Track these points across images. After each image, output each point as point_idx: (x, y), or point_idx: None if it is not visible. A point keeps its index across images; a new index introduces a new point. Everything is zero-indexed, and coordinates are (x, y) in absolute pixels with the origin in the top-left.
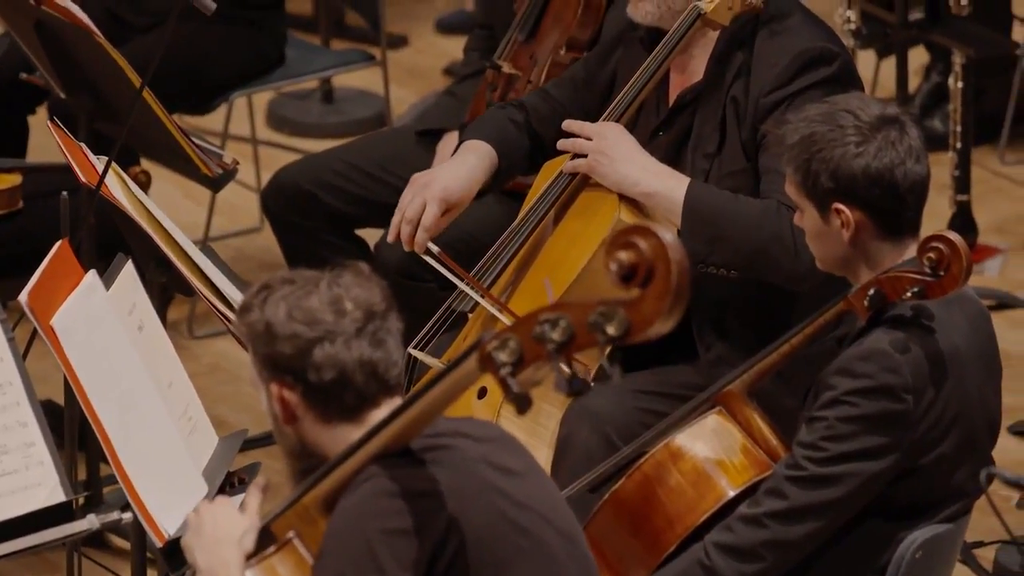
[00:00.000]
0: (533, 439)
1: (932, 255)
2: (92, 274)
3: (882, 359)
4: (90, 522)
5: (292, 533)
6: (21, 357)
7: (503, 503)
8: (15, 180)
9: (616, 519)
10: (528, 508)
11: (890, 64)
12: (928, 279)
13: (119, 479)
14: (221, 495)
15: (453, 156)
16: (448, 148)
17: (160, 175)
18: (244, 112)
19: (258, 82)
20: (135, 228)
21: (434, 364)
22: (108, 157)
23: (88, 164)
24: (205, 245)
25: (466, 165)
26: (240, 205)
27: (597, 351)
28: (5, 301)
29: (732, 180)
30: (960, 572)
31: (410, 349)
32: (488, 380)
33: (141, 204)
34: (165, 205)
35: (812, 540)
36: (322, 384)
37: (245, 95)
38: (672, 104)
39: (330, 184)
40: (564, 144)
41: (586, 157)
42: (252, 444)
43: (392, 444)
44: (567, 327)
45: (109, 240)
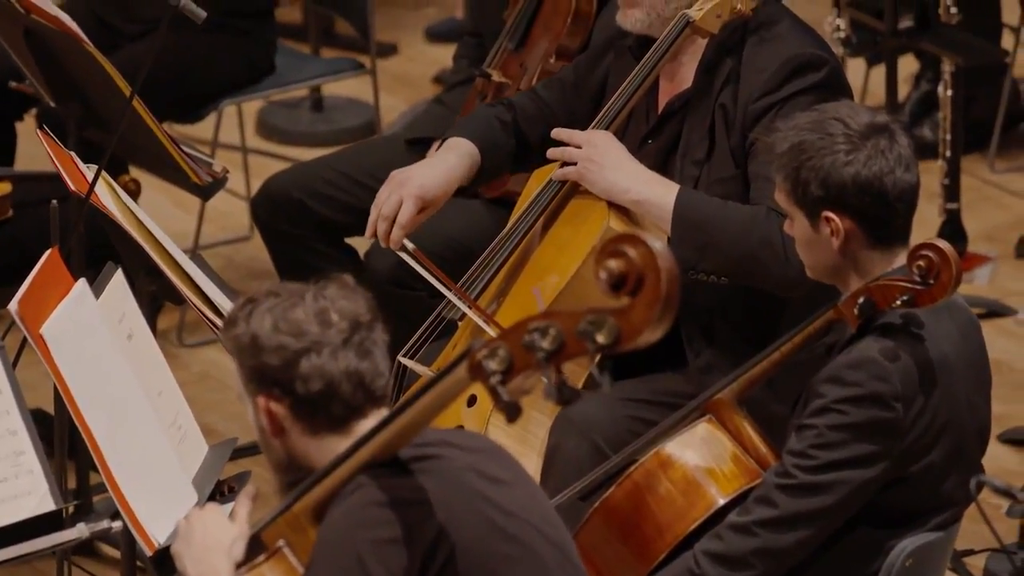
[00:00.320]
0: (523, 447)
1: (922, 263)
2: (82, 282)
3: (872, 367)
4: (80, 531)
5: (282, 542)
6: (11, 365)
7: (492, 512)
8: (5, 188)
9: (606, 527)
10: (517, 517)
11: (880, 72)
12: (918, 287)
13: (109, 488)
14: (211, 502)
15: (435, 154)
16: None
17: (150, 183)
18: (234, 120)
19: (248, 90)
20: (125, 236)
21: (424, 372)
22: (98, 165)
23: (78, 173)
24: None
25: (444, 164)
26: (230, 213)
27: (587, 359)
28: None
29: (721, 187)
30: None
31: (400, 357)
32: (478, 388)
33: (131, 212)
34: (155, 213)
35: (802, 548)
36: (309, 395)
37: (235, 103)
38: (661, 111)
39: (320, 192)
40: (554, 152)
41: (575, 165)
42: (242, 453)
43: (381, 453)
44: (557, 335)
45: (99, 248)
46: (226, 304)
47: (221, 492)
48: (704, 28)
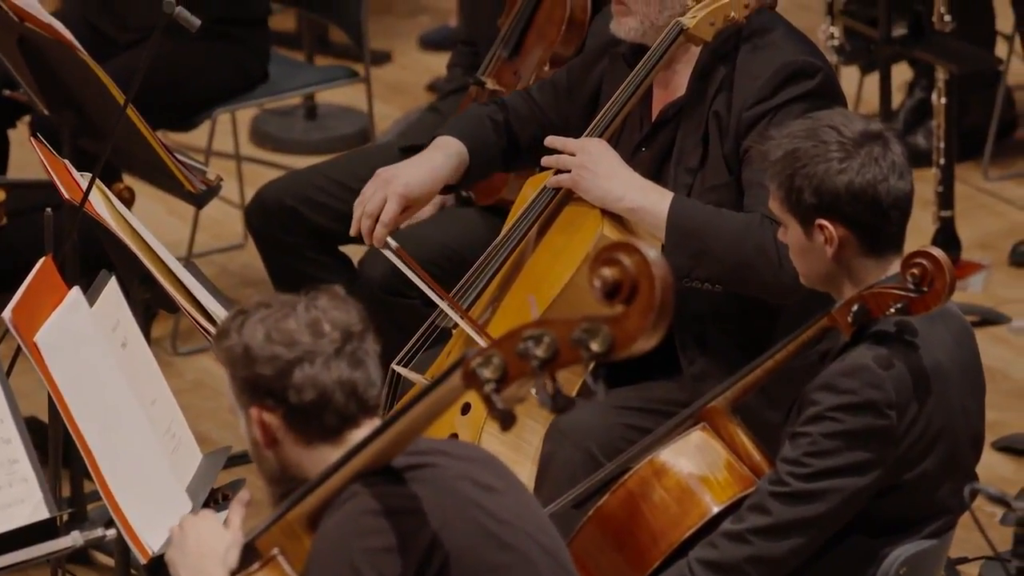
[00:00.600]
0: (517, 455)
1: (916, 271)
2: (76, 291)
3: (865, 375)
4: (74, 539)
5: (276, 550)
6: (5, 374)
7: (486, 519)
8: None
9: (600, 535)
10: (511, 525)
11: (873, 80)
12: (912, 295)
13: (103, 496)
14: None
15: (422, 152)
16: None
17: (144, 191)
18: (227, 128)
19: (242, 98)
20: (119, 245)
21: (418, 380)
22: (92, 174)
23: (72, 181)
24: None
25: (431, 163)
26: (223, 221)
27: (581, 367)
28: None
29: (715, 194)
30: None
31: (394, 365)
32: (472, 396)
33: (125, 221)
34: (149, 222)
35: (796, 556)
36: (303, 405)
37: (228, 111)
38: (655, 119)
39: (313, 200)
40: (548, 160)
41: (569, 172)
42: (236, 461)
43: (375, 461)
44: (551, 343)
45: (93, 257)
46: (220, 312)
47: (215, 500)
48: (698, 36)
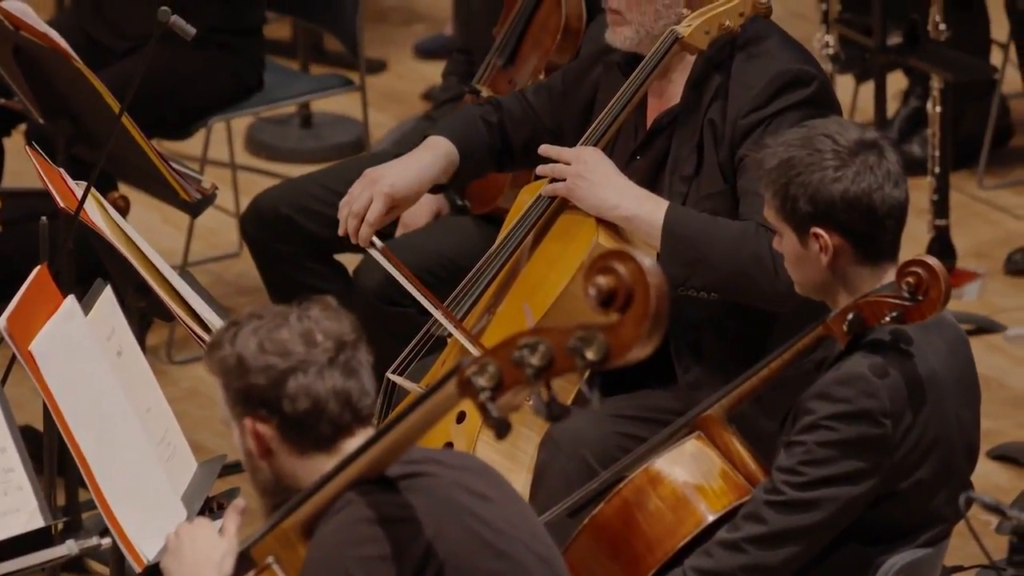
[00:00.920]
0: (512, 463)
1: (911, 279)
2: (71, 299)
3: (861, 384)
4: (69, 548)
5: (271, 558)
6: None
7: (481, 528)
8: None
9: (595, 544)
10: (506, 533)
11: (868, 89)
12: (907, 303)
13: (98, 504)
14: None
15: (410, 152)
16: None
17: (139, 200)
18: (223, 137)
19: (237, 107)
20: (114, 253)
21: (413, 389)
22: (87, 182)
23: (67, 189)
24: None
25: (419, 163)
26: (219, 230)
27: (576, 376)
28: None
29: (710, 202)
30: None
31: (389, 374)
32: (467, 405)
33: (120, 229)
34: (144, 230)
35: (791, 565)
36: (297, 415)
37: (224, 120)
38: (649, 127)
39: (309, 209)
40: (543, 169)
41: (564, 181)
42: (231, 469)
43: (370, 470)
44: (546, 352)
45: (88, 265)
46: (215, 321)
47: (210, 509)
48: (692, 44)
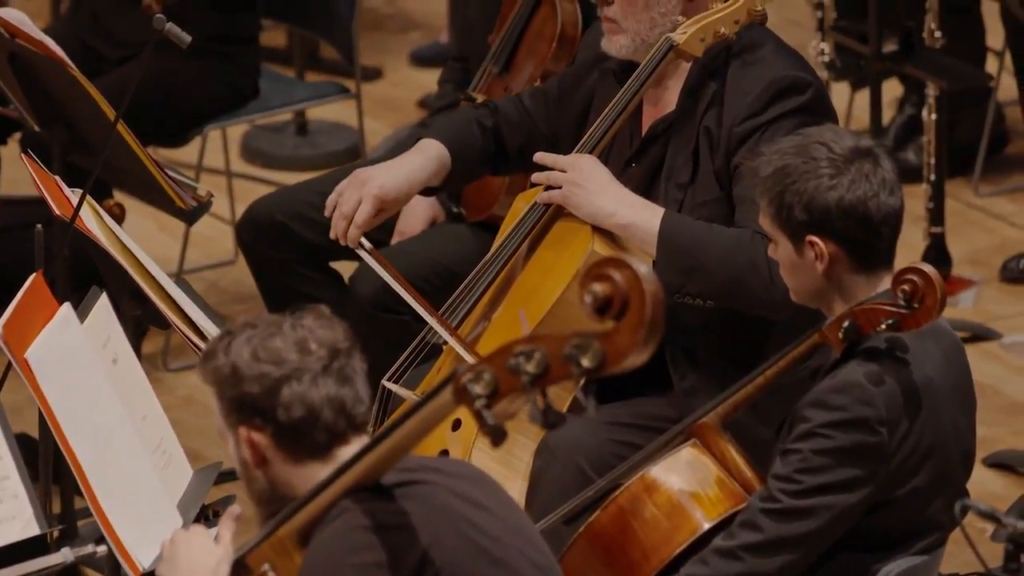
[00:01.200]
0: (508, 471)
1: (906, 287)
2: (66, 307)
3: (856, 391)
4: (64, 555)
5: (267, 566)
6: None
7: (476, 535)
8: None
9: (591, 551)
10: (502, 540)
11: (864, 96)
12: (902, 311)
13: (93, 512)
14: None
15: (401, 154)
16: None
17: (134, 208)
18: (218, 144)
19: (232, 114)
20: (109, 261)
21: (408, 396)
22: (82, 190)
23: (62, 197)
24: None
25: (408, 166)
26: (214, 238)
27: (572, 383)
28: None
29: (706, 210)
30: None
31: (384, 381)
32: (463, 412)
33: (115, 237)
34: (139, 238)
35: (787, 573)
36: (291, 423)
37: (219, 127)
38: (645, 134)
39: (304, 216)
40: (539, 177)
41: (560, 188)
42: (226, 477)
43: (366, 477)
44: (542, 359)
45: (83, 273)
46: (211, 328)
47: (206, 516)
48: (688, 52)
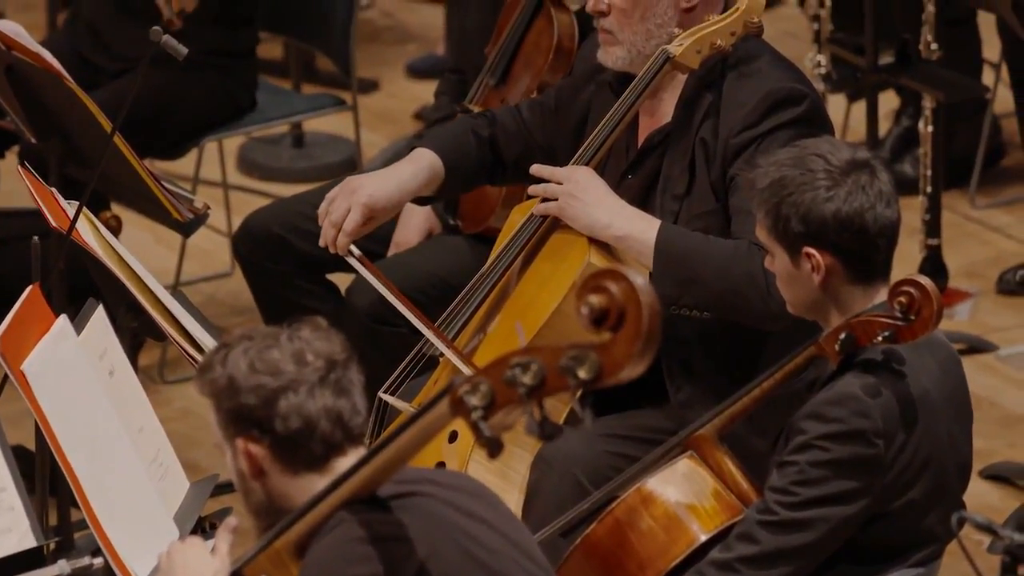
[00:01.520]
0: (504, 483)
1: (903, 299)
2: (63, 319)
3: (853, 403)
4: (61, 568)
5: None
6: None
7: (474, 548)
8: None
9: (588, 564)
10: (499, 553)
11: (860, 108)
12: (899, 323)
13: (90, 524)
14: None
15: (393, 164)
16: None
17: (131, 220)
18: (215, 157)
19: (229, 127)
20: (106, 273)
21: (405, 408)
22: (79, 202)
23: (59, 209)
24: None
25: (399, 176)
26: (211, 250)
27: (568, 395)
28: None
29: (702, 221)
30: None
31: (381, 393)
32: (459, 424)
33: (112, 249)
34: (136, 250)
35: None
36: (289, 434)
37: (216, 140)
38: (641, 146)
39: (301, 228)
40: (535, 189)
41: (556, 200)
42: (223, 489)
43: (363, 489)
44: (538, 371)
45: (80, 285)
46: (208, 341)
47: (203, 529)
48: (684, 64)
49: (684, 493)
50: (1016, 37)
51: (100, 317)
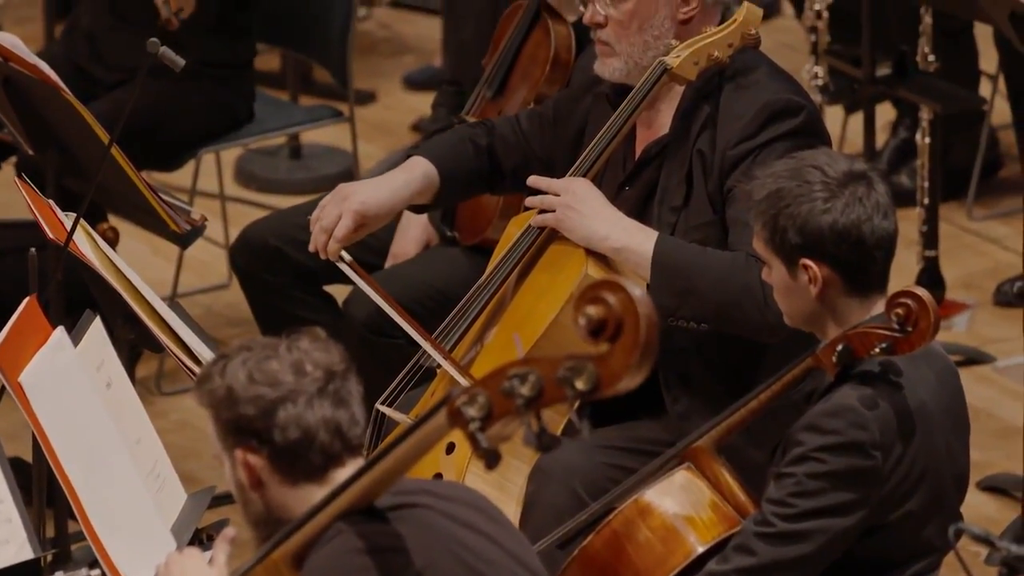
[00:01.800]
0: (501, 494)
1: (900, 311)
2: (60, 331)
3: (850, 415)
4: None
5: None
6: None
7: (472, 559)
8: None
9: (585, 575)
10: (497, 564)
11: (857, 120)
12: (896, 335)
13: (87, 536)
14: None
15: (387, 172)
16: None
17: (128, 231)
18: (212, 168)
19: (226, 138)
20: (103, 285)
21: (402, 420)
22: (76, 214)
23: (56, 221)
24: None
25: (392, 184)
26: (208, 261)
27: (566, 406)
28: None
29: (699, 233)
30: None
31: (378, 405)
32: (457, 435)
33: (109, 261)
34: (133, 261)
35: None
36: (287, 444)
37: (213, 151)
38: (638, 158)
39: (298, 240)
40: (532, 201)
41: (554, 212)
42: (220, 501)
43: (361, 500)
44: (536, 382)
45: (77, 297)
46: (205, 352)
47: (200, 540)
48: (681, 75)
49: (681, 505)
50: (1013, 49)
51: (97, 329)
